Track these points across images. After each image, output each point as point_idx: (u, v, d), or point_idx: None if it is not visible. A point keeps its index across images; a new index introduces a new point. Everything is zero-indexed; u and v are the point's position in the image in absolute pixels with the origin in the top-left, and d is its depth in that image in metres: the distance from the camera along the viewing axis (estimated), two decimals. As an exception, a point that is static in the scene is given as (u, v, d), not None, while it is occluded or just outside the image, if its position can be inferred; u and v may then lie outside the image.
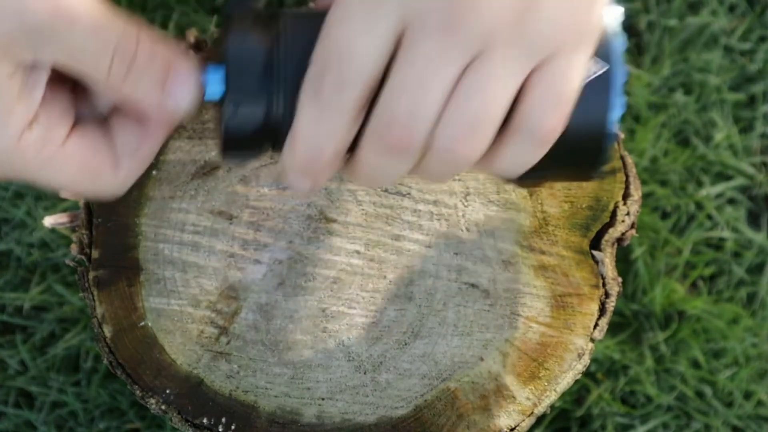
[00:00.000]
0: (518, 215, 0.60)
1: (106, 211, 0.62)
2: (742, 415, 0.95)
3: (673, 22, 1.02)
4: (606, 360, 0.95)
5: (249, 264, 0.60)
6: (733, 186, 1.00)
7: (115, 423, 0.94)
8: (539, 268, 0.59)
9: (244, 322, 0.59)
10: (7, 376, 0.95)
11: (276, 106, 0.44)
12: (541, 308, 0.59)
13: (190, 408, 0.58)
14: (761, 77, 1.02)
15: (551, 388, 0.58)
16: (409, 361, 0.59)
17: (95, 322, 0.60)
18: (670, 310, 0.97)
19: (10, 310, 0.97)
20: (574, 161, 0.47)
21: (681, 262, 0.98)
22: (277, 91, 0.44)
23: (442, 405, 0.58)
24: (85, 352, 0.95)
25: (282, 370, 0.59)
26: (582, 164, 0.47)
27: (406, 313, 0.59)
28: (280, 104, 0.44)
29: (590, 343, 0.59)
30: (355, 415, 0.58)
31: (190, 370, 0.59)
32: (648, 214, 0.98)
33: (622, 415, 0.94)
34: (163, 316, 0.60)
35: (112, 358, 0.60)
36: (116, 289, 0.60)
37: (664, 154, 1.00)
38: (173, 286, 0.60)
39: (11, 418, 0.95)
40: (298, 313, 0.59)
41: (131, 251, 0.61)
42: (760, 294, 0.97)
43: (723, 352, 0.96)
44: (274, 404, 0.58)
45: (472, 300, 0.59)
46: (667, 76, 1.01)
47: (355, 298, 0.59)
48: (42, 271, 0.97)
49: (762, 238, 0.98)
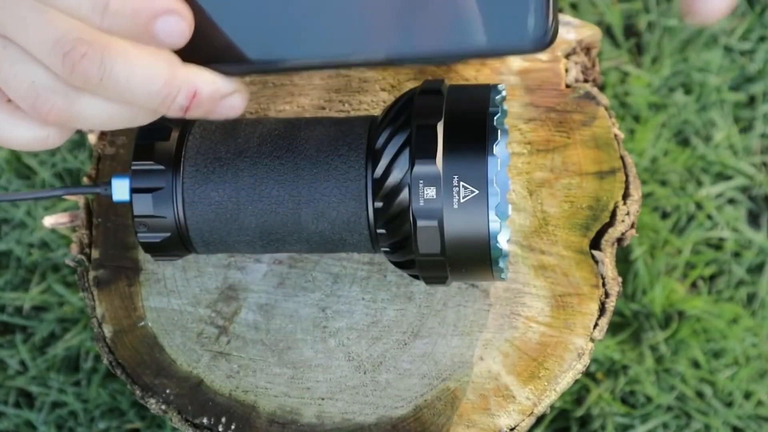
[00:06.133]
0: (518, 215, 0.60)
1: (106, 211, 0.62)
2: (742, 415, 0.95)
3: (673, 22, 1.02)
4: (606, 360, 0.95)
5: (249, 264, 0.60)
6: (733, 186, 1.00)
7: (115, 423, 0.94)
8: (539, 268, 0.59)
9: (244, 322, 0.59)
10: (7, 376, 0.95)
11: (177, 218, 0.52)
12: (541, 308, 0.59)
13: (190, 408, 0.59)
14: (761, 77, 1.02)
15: (551, 388, 0.58)
16: (409, 361, 0.59)
17: (95, 322, 0.60)
18: (670, 310, 0.97)
19: (10, 310, 0.97)
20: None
21: (681, 262, 0.98)
22: (175, 205, 0.52)
23: (442, 405, 0.58)
24: (85, 352, 0.95)
25: (282, 370, 0.59)
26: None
27: (406, 313, 0.59)
28: (180, 215, 0.52)
29: (590, 343, 0.59)
30: (355, 414, 0.58)
31: (190, 370, 0.59)
32: (648, 214, 0.98)
33: (622, 415, 0.94)
34: (163, 316, 0.60)
35: (112, 358, 0.60)
36: (116, 289, 0.60)
37: (664, 154, 1.00)
38: (173, 285, 0.60)
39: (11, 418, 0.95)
40: (298, 313, 0.59)
41: (131, 251, 0.61)
42: (760, 294, 0.97)
43: (723, 352, 0.96)
44: (274, 404, 0.58)
45: (472, 300, 0.59)
46: (667, 76, 1.01)
47: (355, 298, 0.59)
48: (42, 271, 0.97)
49: (762, 238, 0.98)
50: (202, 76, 0.46)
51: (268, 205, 0.52)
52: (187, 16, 0.44)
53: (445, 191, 0.50)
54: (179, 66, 0.45)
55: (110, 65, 0.44)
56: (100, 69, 0.44)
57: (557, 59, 0.63)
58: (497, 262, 0.51)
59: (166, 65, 0.45)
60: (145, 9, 0.43)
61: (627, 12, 1.03)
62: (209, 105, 0.46)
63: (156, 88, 0.45)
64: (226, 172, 0.52)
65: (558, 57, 0.63)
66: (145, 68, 0.44)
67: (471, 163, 0.50)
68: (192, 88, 0.45)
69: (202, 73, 0.46)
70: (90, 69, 0.44)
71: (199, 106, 0.46)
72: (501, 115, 0.51)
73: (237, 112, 0.47)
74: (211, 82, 0.46)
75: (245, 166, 0.52)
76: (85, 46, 0.44)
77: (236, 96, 0.47)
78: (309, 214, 0.52)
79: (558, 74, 0.62)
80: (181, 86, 0.45)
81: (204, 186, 0.52)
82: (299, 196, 0.52)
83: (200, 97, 0.46)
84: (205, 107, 0.46)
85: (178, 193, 0.52)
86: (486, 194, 0.50)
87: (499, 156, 0.50)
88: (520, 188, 0.60)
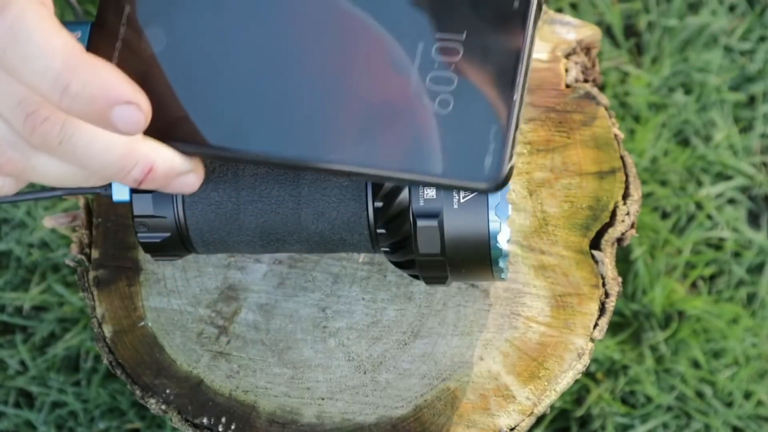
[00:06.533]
0: (518, 215, 0.60)
1: (106, 211, 0.62)
2: (742, 415, 0.95)
3: (673, 22, 1.02)
4: (606, 360, 0.95)
5: (249, 264, 0.60)
6: (733, 186, 1.00)
7: (115, 423, 0.94)
8: (539, 268, 0.59)
9: (244, 322, 0.59)
10: (7, 376, 0.95)
11: (177, 218, 0.52)
12: (541, 308, 0.59)
13: (189, 408, 0.58)
14: (761, 77, 1.02)
15: (551, 388, 0.58)
16: (409, 361, 0.59)
17: (95, 322, 0.60)
18: (670, 310, 0.97)
19: (10, 310, 0.97)
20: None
21: (681, 262, 0.97)
22: (175, 204, 0.52)
23: (442, 405, 0.58)
24: (85, 352, 0.95)
25: (282, 370, 0.59)
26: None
27: (406, 313, 0.59)
28: (180, 215, 0.52)
29: (590, 343, 0.59)
30: (355, 414, 0.58)
31: (190, 370, 0.59)
32: (648, 214, 0.98)
33: (622, 415, 0.94)
34: (163, 316, 0.60)
35: (112, 358, 0.60)
36: (116, 289, 0.60)
37: (664, 154, 1.00)
38: (173, 285, 0.60)
39: (11, 418, 0.95)
40: (298, 313, 0.59)
41: (131, 251, 0.61)
42: (760, 294, 0.97)
43: (723, 352, 0.96)
44: (274, 404, 0.58)
45: (472, 300, 0.59)
46: (667, 76, 1.01)
47: (355, 298, 0.59)
48: (42, 271, 0.97)
49: (762, 238, 0.98)
50: (159, 153, 0.47)
51: (268, 205, 0.52)
52: (144, 106, 0.45)
53: (445, 191, 0.50)
54: (139, 140, 0.46)
55: (71, 131, 0.44)
56: (60, 133, 0.44)
57: (557, 59, 0.63)
58: (497, 262, 0.51)
59: (125, 138, 0.45)
60: (103, 97, 0.43)
61: (627, 12, 1.03)
62: (164, 181, 0.47)
63: (113, 158, 0.45)
64: (226, 172, 0.52)
65: (558, 57, 0.63)
66: (105, 138, 0.45)
67: None
68: (149, 163, 0.46)
69: (160, 149, 0.47)
70: (50, 132, 0.44)
71: (153, 181, 0.47)
72: None
73: (190, 190, 0.48)
74: (168, 159, 0.47)
75: (245, 166, 0.52)
76: (47, 110, 0.44)
77: (191, 175, 0.48)
78: (309, 214, 0.52)
79: (558, 74, 0.62)
80: (138, 160, 0.46)
81: (204, 186, 0.52)
82: (299, 196, 0.52)
83: (155, 172, 0.46)
84: (160, 182, 0.47)
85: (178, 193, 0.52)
86: (486, 194, 0.50)
87: None
88: (520, 188, 0.60)
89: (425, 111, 0.45)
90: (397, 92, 0.46)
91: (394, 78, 0.46)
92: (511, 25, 0.45)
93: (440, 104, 0.45)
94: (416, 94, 0.45)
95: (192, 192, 0.49)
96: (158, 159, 0.46)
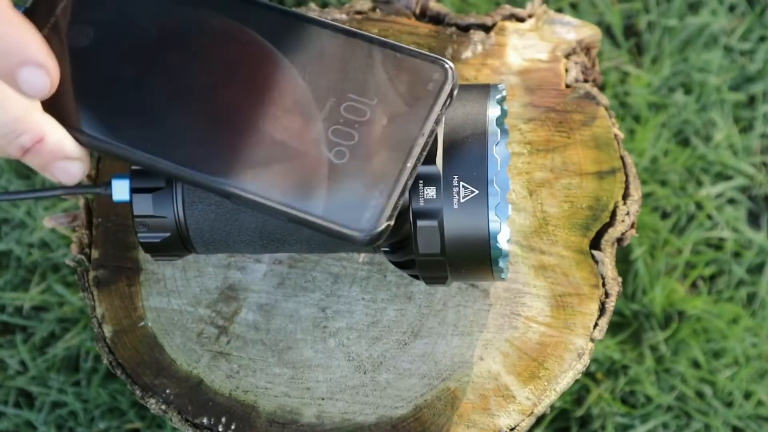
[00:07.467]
0: (518, 215, 0.60)
1: (106, 211, 0.62)
2: (742, 415, 0.95)
3: (673, 22, 1.02)
4: (606, 360, 0.95)
5: (249, 264, 0.60)
6: (733, 186, 1.00)
7: (115, 423, 0.94)
8: (539, 268, 0.59)
9: (244, 322, 0.59)
10: (7, 376, 0.95)
11: (177, 218, 0.52)
12: (541, 308, 0.59)
13: (189, 408, 0.59)
14: (761, 77, 1.02)
15: (551, 388, 0.58)
16: (409, 361, 0.59)
17: (95, 322, 0.60)
18: (670, 310, 0.97)
19: (10, 310, 0.97)
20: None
21: (681, 262, 0.97)
22: (176, 205, 0.52)
23: (442, 405, 0.58)
24: (85, 352, 0.95)
25: (282, 370, 0.59)
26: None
27: (406, 313, 0.59)
28: (180, 215, 0.52)
29: (590, 343, 0.59)
30: (355, 414, 0.58)
31: (190, 370, 0.59)
32: (648, 214, 0.98)
33: (622, 415, 0.94)
34: (163, 316, 0.60)
35: (112, 358, 0.60)
36: (116, 289, 0.60)
37: (664, 154, 1.00)
38: (173, 285, 0.60)
39: (11, 418, 0.95)
40: (298, 313, 0.59)
41: (131, 251, 0.61)
42: (760, 294, 0.97)
43: (723, 352, 0.96)
44: (274, 404, 0.58)
45: (472, 300, 0.59)
46: (667, 76, 1.01)
47: (355, 298, 0.59)
48: (42, 271, 0.97)
49: (762, 238, 0.98)
50: (54, 130, 0.47)
51: None
52: (52, 74, 0.45)
53: (445, 191, 0.50)
54: (38, 110, 0.46)
55: None
56: None
57: (557, 59, 0.63)
58: (497, 262, 0.51)
59: (25, 104, 0.45)
60: (15, 54, 0.44)
61: (627, 12, 1.03)
62: (49, 157, 0.47)
63: (6, 118, 0.45)
64: None
65: (558, 57, 0.63)
66: (4, 98, 0.45)
67: (471, 163, 0.50)
68: (40, 133, 0.46)
69: (55, 126, 0.47)
70: None
71: (38, 155, 0.46)
72: (501, 115, 0.51)
73: (72, 180, 0.48)
74: (60, 138, 0.47)
75: None
76: None
77: (76, 163, 0.48)
78: None
79: (558, 74, 0.62)
80: (31, 127, 0.46)
81: None
82: None
83: (43, 146, 0.46)
84: (45, 158, 0.47)
85: (178, 193, 0.52)
86: (486, 194, 0.50)
87: (499, 156, 0.50)
88: (520, 188, 0.60)
89: (319, 157, 0.48)
90: (297, 134, 0.48)
91: (297, 121, 0.48)
92: (421, 102, 0.48)
93: (336, 155, 0.48)
94: (315, 140, 0.48)
95: (72, 182, 0.49)
96: (51, 134, 0.46)
